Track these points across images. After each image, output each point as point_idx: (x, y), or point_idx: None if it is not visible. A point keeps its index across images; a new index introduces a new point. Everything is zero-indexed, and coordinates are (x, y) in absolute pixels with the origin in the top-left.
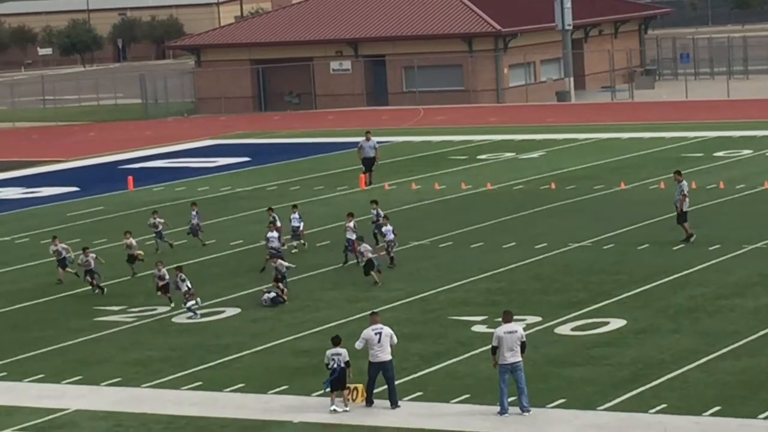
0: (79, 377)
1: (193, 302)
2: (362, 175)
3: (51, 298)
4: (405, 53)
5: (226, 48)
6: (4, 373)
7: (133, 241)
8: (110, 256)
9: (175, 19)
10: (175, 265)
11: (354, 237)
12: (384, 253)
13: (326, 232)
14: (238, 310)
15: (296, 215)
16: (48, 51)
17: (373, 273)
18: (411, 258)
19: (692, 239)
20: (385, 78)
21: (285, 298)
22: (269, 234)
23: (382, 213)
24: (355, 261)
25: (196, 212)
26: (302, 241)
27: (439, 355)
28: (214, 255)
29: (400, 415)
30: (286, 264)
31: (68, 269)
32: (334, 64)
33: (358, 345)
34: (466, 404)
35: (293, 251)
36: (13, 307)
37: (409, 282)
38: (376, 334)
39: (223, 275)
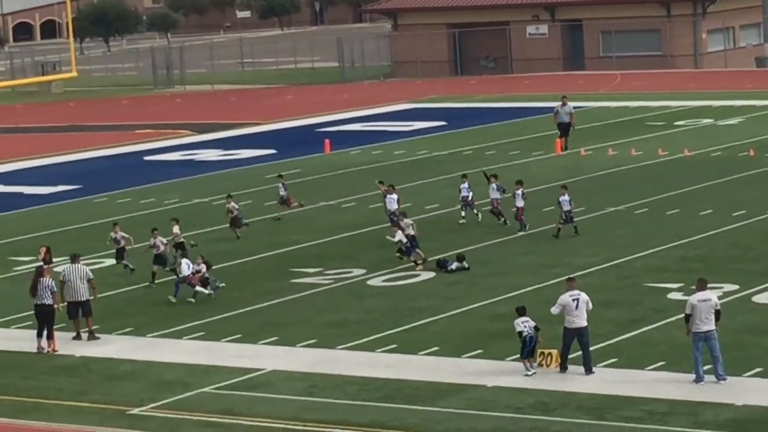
0: (275, 338)
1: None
2: (558, 140)
3: (247, 259)
4: (602, 17)
5: (423, 12)
6: (202, 333)
7: (177, 230)
8: (305, 219)
9: None
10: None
11: (522, 204)
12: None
13: None
14: (432, 274)
15: (465, 185)
16: (246, 14)
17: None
18: (607, 224)
19: None
20: (582, 42)
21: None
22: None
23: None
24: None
25: (282, 184)
26: (474, 211)
27: (634, 322)
28: (412, 218)
29: (594, 381)
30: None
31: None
32: (530, 29)
33: (555, 310)
34: (661, 371)
35: (461, 221)
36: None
37: (605, 248)
38: (573, 300)
39: (419, 239)
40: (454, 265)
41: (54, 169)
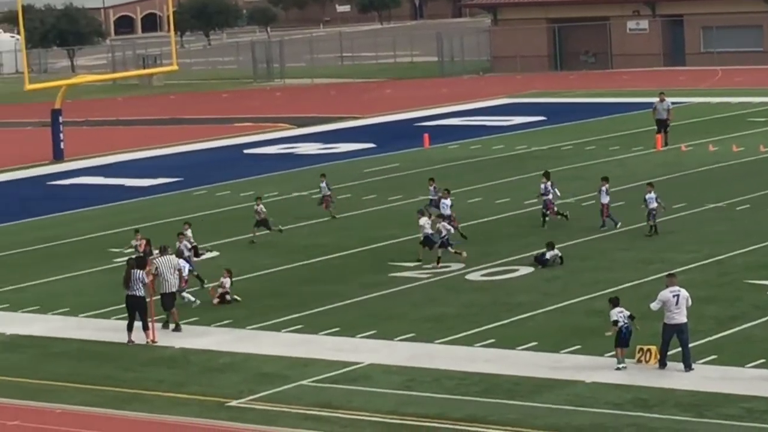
0: (374, 332)
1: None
2: (658, 136)
3: (346, 252)
4: (703, 13)
5: (523, 6)
6: (301, 326)
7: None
8: (403, 213)
9: None
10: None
11: (607, 201)
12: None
13: (621, 193)
14: (531, 269)
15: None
16: (346, 8)
17: (444, 249)
18: (707, 220)
19: None
20: (683, 38)
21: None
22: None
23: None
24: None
25: (326, 183)
26: (560, 213)
27: (734, 319)
28: (509, 213)
29: (694, 378)
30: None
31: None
32: (631, 24)
33: (655, 306)
34: (761, 369)
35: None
36: (309, 261)
37: (705, 244)
38: (673, 296)
39: (517, 234)
40: (549, 255)
41: (154, 161)
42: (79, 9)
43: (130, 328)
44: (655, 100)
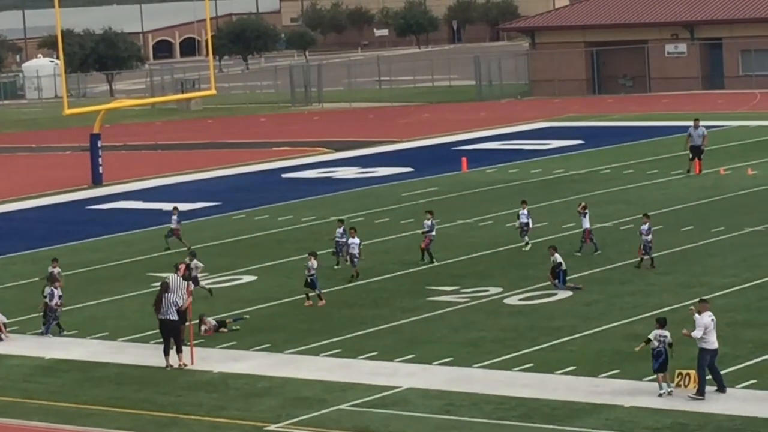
0: (412, 356)
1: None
2: (697, 161)
3: (385, 276)
4: (742, 36)
5: (561, 30)
6: (339, 350)
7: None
8: (441, 236)
9: (510, 1)
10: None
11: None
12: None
13: (659, 217)
14: (569, 293)
15: (525, 211)
16: (384, 32)
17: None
18: (746, 244)
19: None
20: (722, 61)
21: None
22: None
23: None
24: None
25: (342, 230)
26: (527, 239)
27: None
28: (547, 237)
29: (733, 402)
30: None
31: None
32: (669, 47)
33: (698, 334)
34: None
35: (525, 248)
36: (348, 285)
37: (744, 268)
38: (711, 320)
39: None
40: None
41: (193, 186)
42: (118, 33)
43: (166, 352)
44: (690, 126)
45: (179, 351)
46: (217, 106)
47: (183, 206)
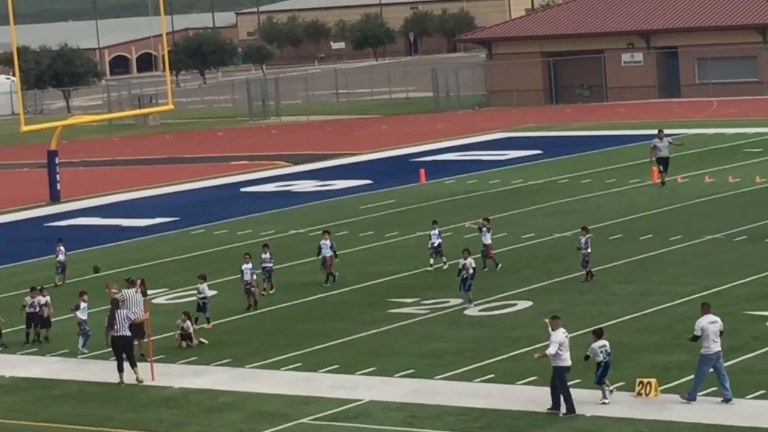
0: (373, 368)
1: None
2: (654, 168)
3: (344, 290)
4: (698, 44)
5: (518, 41)
6: (300, 363)
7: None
8: (401, 249)
9: (466, 13)
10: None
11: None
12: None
13: (617, 226)
14: (529, 303)
15: (436, 231)
16: (341, 45)
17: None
18: (705, 252)
19: None
20: (678, 70)
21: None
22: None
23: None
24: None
25: (269, 254)
26: (443, 259)
27: (733, 350)
28: (506, 248)
29: (693, 410)
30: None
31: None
32: (625, 56)
33: (552, 350)
34: (762, 400)
35: (429, 269)
36: (308, 299)
37: (704, 276)
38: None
39: (514, 268)
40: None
41: (151, 201)
42: (74, 50)
43: (120, 368)
44: (654, 138)
45: (133, 366)
46: (175, 121)
47: (142, 222)
